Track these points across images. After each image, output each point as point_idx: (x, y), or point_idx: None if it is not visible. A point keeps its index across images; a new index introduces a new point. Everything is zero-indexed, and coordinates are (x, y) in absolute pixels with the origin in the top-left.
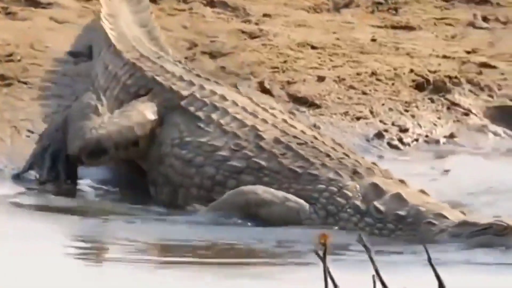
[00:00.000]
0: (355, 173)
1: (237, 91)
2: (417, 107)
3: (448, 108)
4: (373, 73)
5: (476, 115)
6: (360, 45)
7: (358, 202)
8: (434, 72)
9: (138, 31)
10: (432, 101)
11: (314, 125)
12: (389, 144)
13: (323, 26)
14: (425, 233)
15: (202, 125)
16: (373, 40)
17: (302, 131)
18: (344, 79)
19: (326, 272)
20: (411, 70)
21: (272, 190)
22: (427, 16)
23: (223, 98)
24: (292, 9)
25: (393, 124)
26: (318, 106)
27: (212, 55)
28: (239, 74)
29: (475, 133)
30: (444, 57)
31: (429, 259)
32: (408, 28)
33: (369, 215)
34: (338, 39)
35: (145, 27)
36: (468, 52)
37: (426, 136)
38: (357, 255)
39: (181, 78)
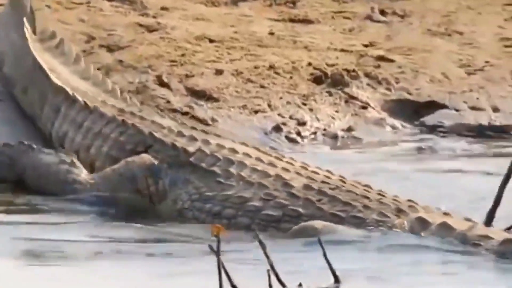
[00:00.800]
0: (399, 211)
1: (242, 142)
2: (315, 100)
3: (346, 102)
4: (271, 67)
5: (373, 109)
6: (258, 39)
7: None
8: (332, 65)
9: (85, 84)
10: (330, 94)
11: (212, 119)
12: (287, 137)
13: (221, 19)
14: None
15: (221, 180)
16: (271, 33)
17: (327, 176)
18: (242, 73)
19: (220, 264)
20: (309, 64)
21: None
22: (324, 10)
23: (234, 151)
24: (190, 3)
25: (291, 117)
26: (216, 100)
27: (110, 49)
28: (136, 68)
29: (373, 126)
30: (342, 50)
31: (324, 255)
32: (306, 21)
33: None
34: (236, 32)
35: (88, 79)
36: (366, 46)
37: (324, 129)
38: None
39: (180, 134)
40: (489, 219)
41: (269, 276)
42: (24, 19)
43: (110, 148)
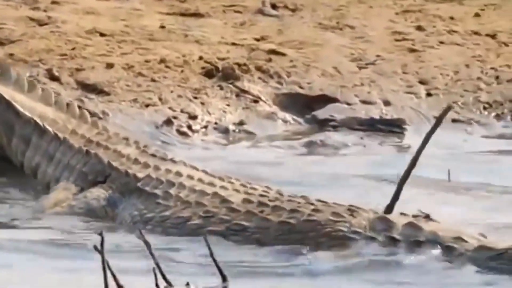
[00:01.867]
0: (352, 211)
1: (194, 167)
2: (206, 94)
3: (237, 95)
4: (162, 61)
5: (265, 102)
6: (148, 33)
7: (371, 234)
8: (223, 59)
9: (51, 110)
10: (221, 88)
11: (103, 112)
12: (178, 131)
13: (112, 13)
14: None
15: (160, 201)
16: (162, 27)
17: (265, 190)
18: (133, 66)
19: (105, 264)
20: (200, 58)
21: None
22: (216, 3)
23: (178, 174)
24: None
25: (182, 111)
26: (107, 93)
27: (0, 42)
28: (27, 62)
29: (264, 120)
30: (233, 44)
31: (211, 254)
32: (197, 15)
33: (383, 245)
34: (126, 26)
35: (51, 105)
36: (257, 40)
37: (215, 123)
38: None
39: (136, 161)
40: (388, 213)
41: (155, 275)
42: None
43: (75, 180)
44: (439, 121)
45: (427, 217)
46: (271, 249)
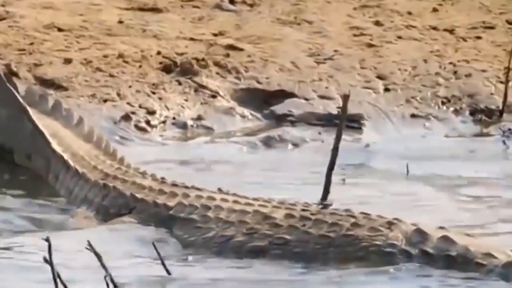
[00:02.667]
0: (390, 224)
1: (222, 191)
2: (164, 89)
3: (196, 91)
4: (120, 56)
5: (223, 97)
6: (107, 27)
7: (406, 248)
8: (181, 54)
9: (87, 147)
10: (180, 83)
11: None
12: (136, 126)
13: (70, 8)
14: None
15: (200, 225)
16: (120, 22)
17: (305, 205)
18: (91, 61)
19: (55, 274)
20: (159, 53)
21: None
22: None
23: (211, 198)
24: None
25: (140, 106)
26: (65, 89)
27: None
28: None
29: (223, 115)
30: (191, 39)
31: (160, 257)
32: (155, 10)
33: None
34: (85, 21)
35: (90, 142)
36: (215, 35)
37: (174, 118)
38: None
39: (161, 191)
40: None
41: (107, 283)
42: (8, 85)
43: (96, 214)
44: (344, 109)
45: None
46: (307, 264)
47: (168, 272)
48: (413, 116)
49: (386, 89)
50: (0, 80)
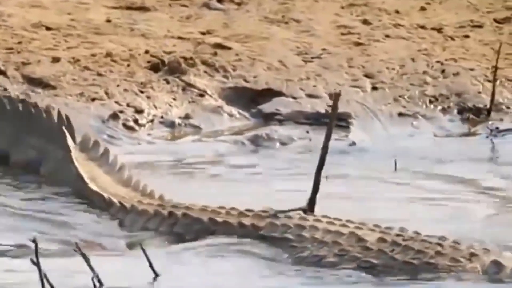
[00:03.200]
0: (472, 255)
1: (311, 213)
2: (152, 88)
3: (184, 89)
4: (108, 54)
5: (211, 96)
6: (95, 26)
7: (482, 278)
8: (169, 53)
9: (125, 190)
10: (168, 82)
11: (49, 106)
12: (124, 125)
13: (58, 7)
14: None
15: (295, 244)
16: (108, 21)
17: (402, 230)
18: (79, 60)
19: (42, 276)
20: (146, 51)
21: None
22: None
23: (303, 219)
24: None
25: (128, 105)
26: (53, 87)
27: None
28: None
29: (211, 114)
30: (179, 38)
31: (148, 259)
32: (143, 9)
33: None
34: (73, 20)
35: (129, 186)
36: (203, 33)
37: (162, 117)
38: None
39: (243, 214)
40: (310, 206)
41: (94, 284)
42: (64, 128)
43: (165, 241)
44: (334, 107)
45: None
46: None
47: (156, 274)
48: (400, 114)
49: (374, 88)
50: (59, 123)
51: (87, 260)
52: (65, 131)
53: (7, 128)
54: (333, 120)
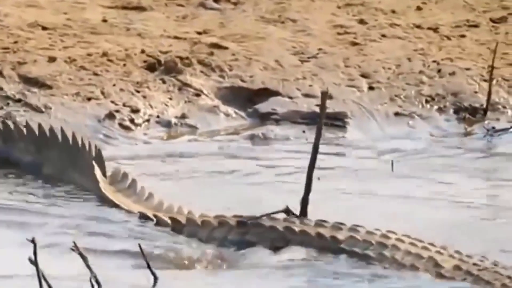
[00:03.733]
0: None
1: (392, 231)
2: (148, 87)
3: (180, 89)
4: (104, 54)
5: (207, 96)
6: (91, 26)
7: None
8: (166, 52)
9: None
10: (164, 81)
11: (45, 106)
12: (120, 124)
13: (54, 6)
14: None
15: (374, 262)
16: (104, 20)
17: (481, 260)
18: (75, 60)
19: (40, 274)
20: (142, 51)
21: None
22: None
23: (385, 237)
24: None
25: (124, 104)
26: (49, 87)
27: None
28: None
29: (207, 114)
30: (175, 37)
31: (146, 262)
32: (139, 8)
33: None
34: (69, 19)
35: (161, 210)
36: (199, 33)
37: (158, 116)
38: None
39: (319, 225)
40: (303, 208)
41: (92, 285)
42: (94, 162)
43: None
44: (322, 106)
45: None
46: None
47: (155, 276)
48: (397, 114)
49: (370, 88)
50: (91, 167)
51: (85, 260)
52: (97, 169)
53: (58, 160)
54: (322, 119)
